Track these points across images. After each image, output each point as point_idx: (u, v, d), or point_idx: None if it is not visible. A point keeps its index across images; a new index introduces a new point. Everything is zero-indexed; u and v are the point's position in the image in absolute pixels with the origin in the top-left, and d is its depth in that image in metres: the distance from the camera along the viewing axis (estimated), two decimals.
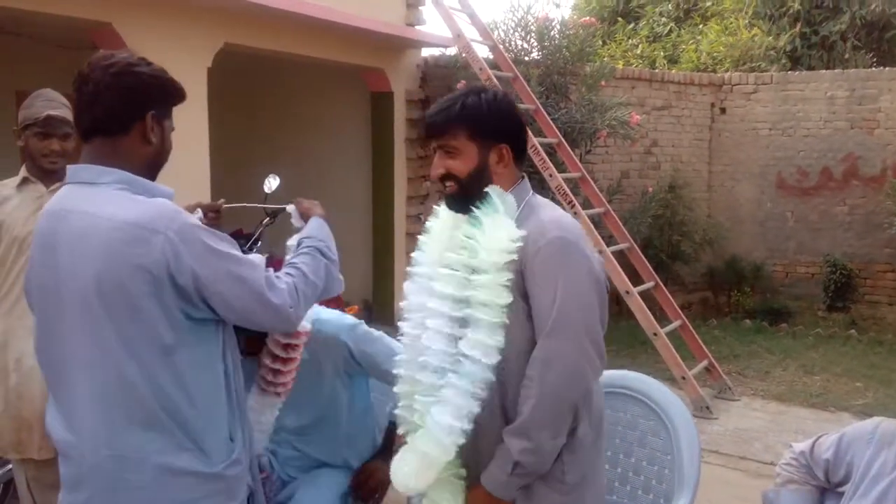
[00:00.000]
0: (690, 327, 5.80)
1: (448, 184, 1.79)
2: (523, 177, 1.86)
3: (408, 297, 1.87)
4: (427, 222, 1.93)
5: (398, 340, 1.96)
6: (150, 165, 1.70)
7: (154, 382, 1.57)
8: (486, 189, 1.77)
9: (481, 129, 1.77)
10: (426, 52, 7.34)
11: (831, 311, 7.87)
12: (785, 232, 8.38)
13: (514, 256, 1.69)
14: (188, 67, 5.04)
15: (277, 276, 1.68)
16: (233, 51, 5.40)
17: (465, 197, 1.77)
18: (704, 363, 5.58)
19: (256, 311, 1.61)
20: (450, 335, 1.73)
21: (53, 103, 2.60)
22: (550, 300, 1.67)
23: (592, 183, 6.11)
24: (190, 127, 4.99)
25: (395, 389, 1.89)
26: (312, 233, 1.88)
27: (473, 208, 1.75)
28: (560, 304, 1.66)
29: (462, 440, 1.69)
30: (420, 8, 7.11)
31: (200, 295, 1.57)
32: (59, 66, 5.59)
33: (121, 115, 1.62)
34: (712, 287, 8.54)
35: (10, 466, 2.94)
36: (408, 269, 1.93)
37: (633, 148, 7.75)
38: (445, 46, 7.01)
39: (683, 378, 5.14)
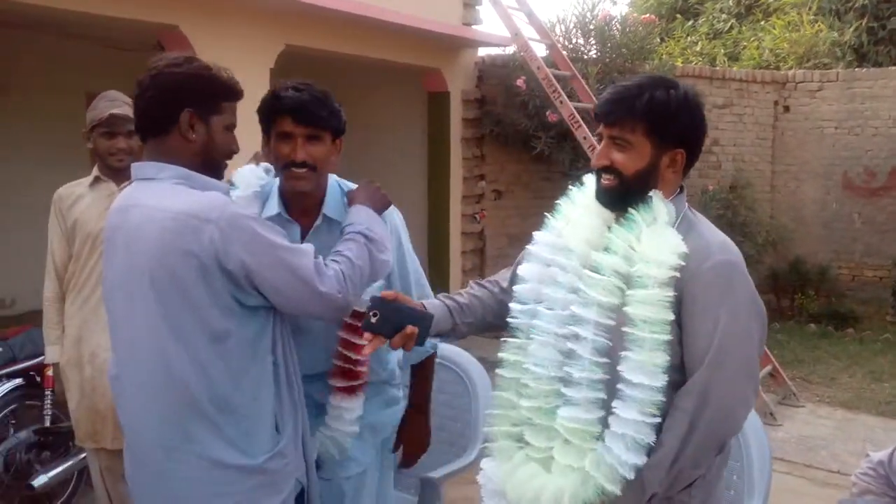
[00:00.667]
0: None
1: (607, 177, 1.63)
2: (682, 188, 1.69)
3: (528, 281, 1.74)
4: (561, 203, 1.79)
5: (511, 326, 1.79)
6: (202, 161, 1.73)
7: (202, 371, 1.62)
8: (650, 193, 1.62)
9: (663, 128, 1.61)
10: (483, 52, 7.34)
11: None
12: (851, 234, 8.11)
13: (677, 273, 1.54)
14: (252, 68, 5.13)
15: (325, 265, 1.70)
16: (294, 52, 5.49)
17: (624, 195, 1.63)
18: (768, 368, 5.44)
19: (305, 297, 1.66)
20: (602, 346, 1.59)
21: (116, 102, 2.68)
22: (710, 330, 1.54)
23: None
24: (253, 126, 5.08)
25: (505, 376, 1.75)
26: (354, 219, 1.88)
27: (630, 210, 1.61)
28: (722, 336, 1.53)
29: (633, 476, 1.54)
30: (477, 7, 7.11)
31: (250, 282, 1.62)
32: (127, 69, 5.80)
33: (156, 115, 1.70)
34: (775, 290, 8.31)
35: (84, 455, 3.05)
36: (527, 247, 1.80)
37: None
38: (502, 46, 6.99)
39: None
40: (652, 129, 1.60)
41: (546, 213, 1.83)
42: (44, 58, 5.91)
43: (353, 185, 2.10)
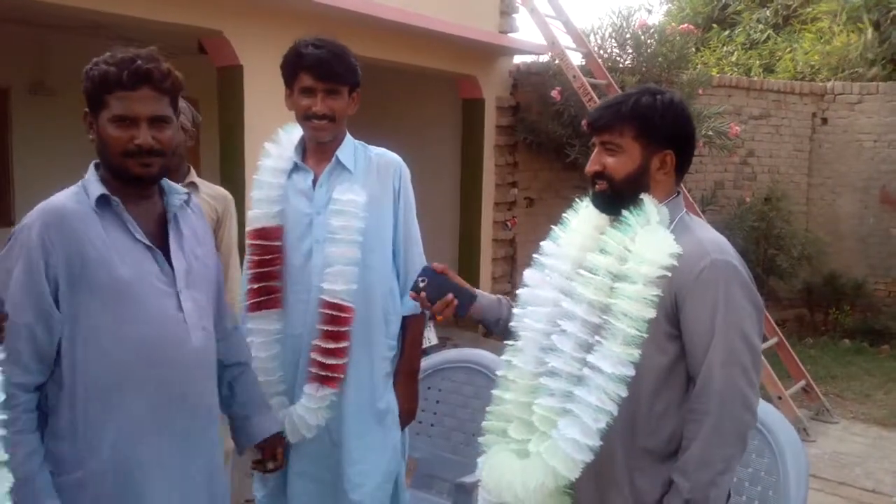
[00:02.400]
0: (787, 345, 5.60)
1: (600, 182, 1.70)
2: (679, 192, 1.74)
3: (529, 286, 1.81)
4: (566, 215, 1.85)
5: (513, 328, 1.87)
6: (104, 163, 1.70)
7: None
8: (641, 196, 1.68)
9: (650, 130, 1.67)
10: (518, 59, 7.36)
11: None
12: (888, 249, 7.98)
13: (668, 273, 1.60)
14: None
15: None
16: None
17: (615, 199, 1.69)
18: (802, 383, 5.38)
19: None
20: (583, 342, 1.66)
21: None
22: (710, 328, 1.59)
23: (687, 193, 5.99)
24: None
25: (502, 375, 1.82)
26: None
27: (624, 212, 1.68)
28: (724, 335, 1.58)
29: (590, 458, 1.62)
30: (513, 16, 7.14)
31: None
32: None
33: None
34: (809, 304, 8.22)
35: None
36: (534, 255, 1.86)
37: (730, 158, 7.55)
38: (539, 54, 7.01)
39: (780, 398, 4.98)
40: (639, 131, 1.67)
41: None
42: (83, 59, 6.01)
43: (378, 149, 2.28)
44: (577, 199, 1.85)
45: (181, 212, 1.80)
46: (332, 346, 2.09)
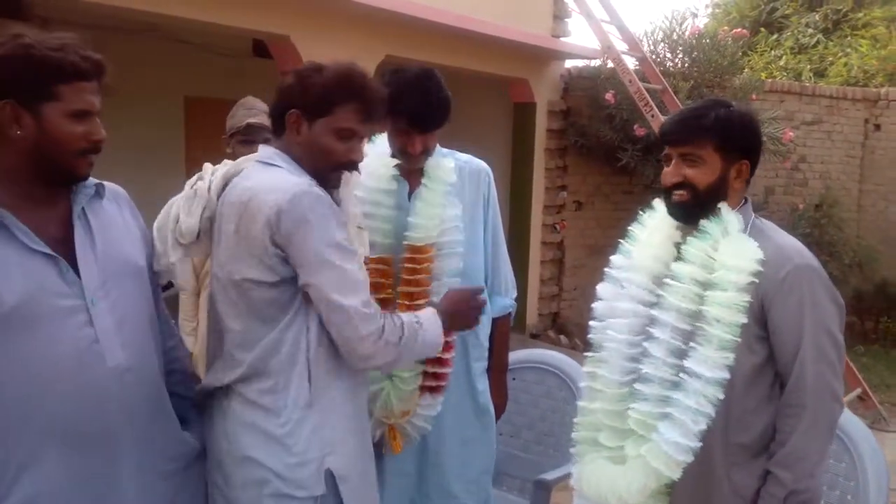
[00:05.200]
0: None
1: (679, 192, 1.78)
2: (747, 199, 1.85)
3: (604, 299, 1.91)
4: (633, 228, 1.94)
5: (590, 346, 1.97)
6: (33, 160, 1.45)
7: None
8: (719, 205, 1.76)
9: (729, 142, 1.76)
10: (569, 64, 7.41)
11: None
12: None
13: (755, 279, 1.70)
14: None
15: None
16: (393, 62, 5.68)
17: (697, 208, 1.77)
18: (857, 391, 5.35)
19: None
20: (676, 348, 1.74)
21: (253, 111, 2.82)
22: (799, 327, 1.69)
23: None
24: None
25: (586, 386, 1.92)
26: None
27: (702, 222, 1.76)
28: (813, 333, 1.68)
29: (690, 458, 1.70)
30: (566, 20, 7.18)
31: None
32: (223, 73, 6.07)
33: None
34: (859, 312, 8.11)
35: None
36: (606, 269, 1.95)
37: (781, 163, 7.51)
38: (592, 58, 7.05)
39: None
40: (720, 143, 1.76)
41: (626, 226, 1.98)
42: (143, 61, 6.12)
43: (465, 156, 2.33)
44: (640, 211, 1.95)
45: (90, 205, 1.55)
46: (442, 356, 2.13)
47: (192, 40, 5.90)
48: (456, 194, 2.22)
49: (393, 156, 2.21)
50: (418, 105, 2.07)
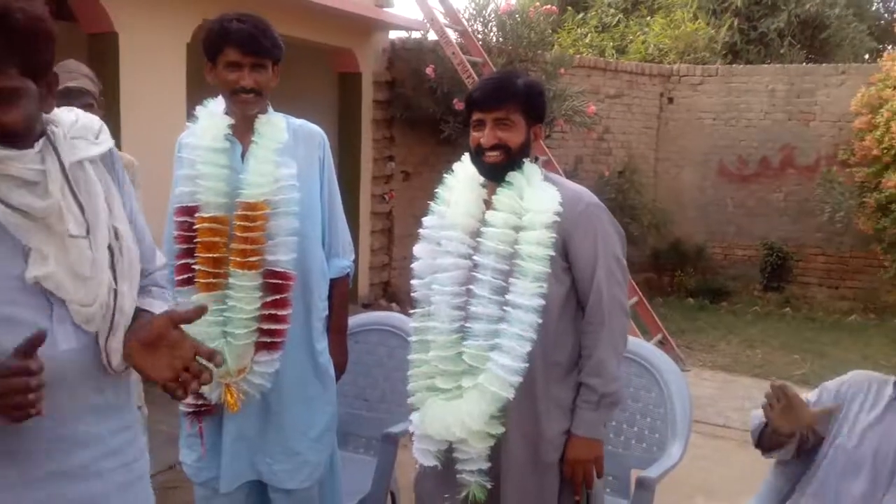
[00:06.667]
0: (647, 303, 6.19)
1: (494, 153, 1.99)
2: (537, 157, 2.14)
3: (422, 257, 2.10)
4: (440, 190, 2.12)
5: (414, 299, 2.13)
6: None
7: None
8: (524, 161, 2.02)
9: (532, 107, 2.02)
10: (393, 35, 7.48)
11: (767, 291, 8.44)
12: (725, 217, 8.89)
13: (558, 218, 1.96)
14: (169, 42, 5.08)
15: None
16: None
17: (509, 167, 2.00)
18: (659, 336, 5.98)
19: None
20: (498, 286, 1.96)
21: (72, 74, 2.68)
22: (593, 256, 1.98)
23: (557, 166, 6.40)
24: (169, 100, 5.05)
25: (417, 339, 2.10)
26: None
27: (509, 174, 2.00)
28: (604, 259, 1.99)
29: (520, 379, 1.94)
30: None
31: None
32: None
33: None
34: (657, 268, 9.01)
35: None
36: (420, 231, 2.13)
37: (589, 134, 8.10)
38: (416, 30, 7.16)
39: (661, 342, 5.56)
40: (525, 108, 2.01)
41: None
42: None
43: (299, 120, 2.35)
44: (446, 175, 2.15)
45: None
46: (277, 312, 2.17)
47: None
48: (290, 155, 2.25)
49: (226, 114, 2.23)
50: (244, 27, 2.12)
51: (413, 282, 2.13)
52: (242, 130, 2.23)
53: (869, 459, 1.90)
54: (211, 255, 2.17)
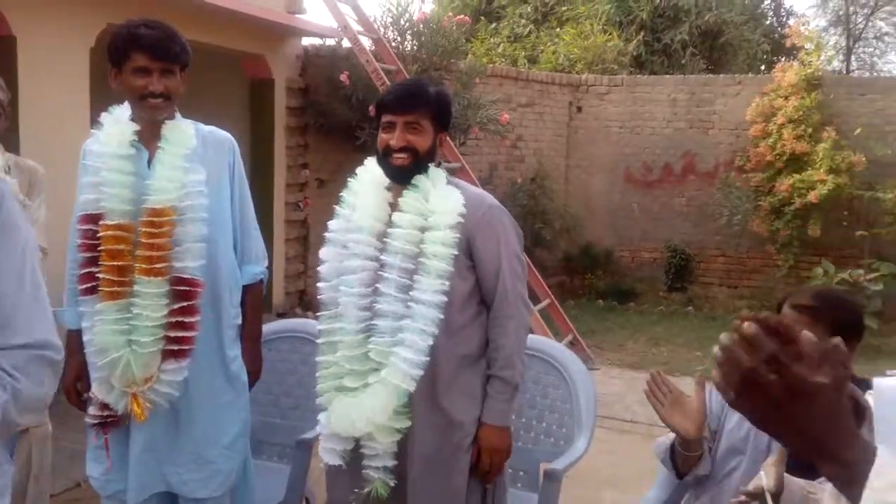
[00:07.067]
0: (558, 305, 6.38)
1: (403, 155, 2.06)
2: (440, 162, 2.25)
3: (328, 261, 2.16)
4: (345, 194, 2.20)
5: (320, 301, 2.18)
6: None
7: None
8: (429, 165, 2.13)
9: (441, 115, 2.13)
10: (306, 42, 7.46)
11: (671, 291, 8.83)
12: (631, 221, 9.24)
13: (462, 219, 2.07)
14: (71, 46, 4.93)
15: None
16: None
17: (415, 170, 2.09)
18: (570, 337, 6.18)
19: None
20: (403, 285, 2.03)
21: None
22: (497, 254, 2.10)
23: (471, 173, 6.52)
24: (72, 105, 4.89)
25: (324, 341, 2.15)
26: None
27: (416, 177, 2.09)
28: (507, 258, 2.11)
29: (421, 372, 2.02)
30: None
31: None
32: None
33: None
34: (568, 271, 9.28)
35: None
36: (326, 234, 2.20)
37: (502, 142, 8.28)
38: (329, 37, 7.16)
39: (573, 343, 5.73)
40: (434, 115, 2.10)
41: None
42: None
43: (208, 127, 2.36)
44: (348, 178, 2.23)
45: None
46: (185, 319, 2.17)
47: None
48: (198, 161, 2.25)
49: (132, 120, 2.21)
50: (152, 33, 2.13)
51: (319, 284, 2.18)
52: (149, 137, 2.22)
53: (751, 441, 2.04)
54: (115, 263, 2.15)
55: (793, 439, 0.84)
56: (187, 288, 2.18)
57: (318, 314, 2.21)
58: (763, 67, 12.87)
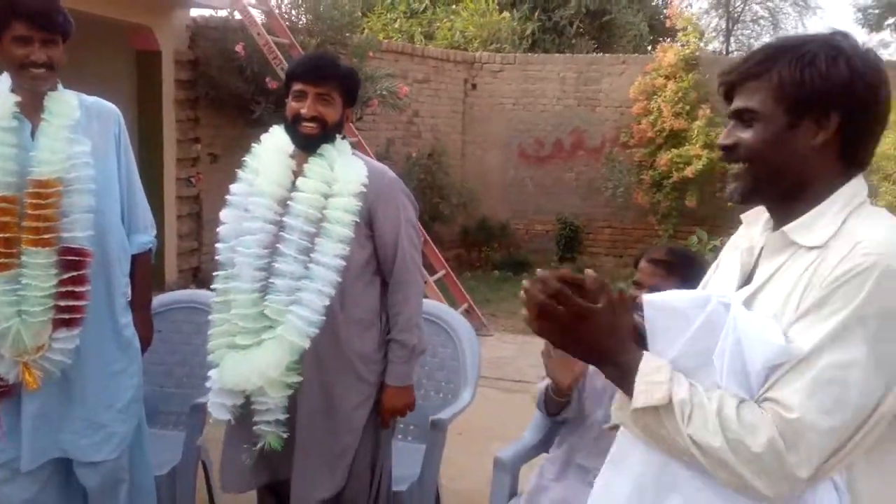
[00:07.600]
0: (453, 276, 6.59)
1: (312, 125, 2.14)
2: (345, 136, 2.34)
3: (228, 222, 2.23)
4: (248, 159, 2.26)
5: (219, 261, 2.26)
6: None
7: None
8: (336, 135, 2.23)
9: (350, 90, 2.22)
10: (195, 13, 7.27)
11: (562, 262, 9.22)
12: (525, 195, 9.57)
13: (364, 189, 2.17)
14: None
15: None
16: None
17: (323, 139, 2.17)
18: (465, 306, 6.41)
19: None
20: (304, 247, 2.12)
21: None
22: (396, 223, 2.22)
23: (368, 149, 6.59)
24: None
25: (219, 301, 2.22)
26: None
27: (323, 146, 2.17)
28: (405, 227, 2.24)
29: (317, 330, 2.12)
30: None
31: None
32: None
33: None
34: (465, 244, 9.53)
35: None
36: (227, 197, 2.26)
37: (399, 118, 8.37)
38: (218, 8, 7.00)
39: (468, 311, 5.93)
40: (344, 89, 2.20)
41: None
42: None
43: (91, 98, 2.36)
44: (253, 144, 2.30)
45: None
46: (75, 289, 2.18)
47: None
48: (83, 132, 2.26)
49: (12, 91, 2.19)
50: (36, 2, 2.10)
51: (218, 245, 2.24)
52: (31, 108, 2.20)
53: (609, 388, 2.27)
54: (1, 235, 2.14)
55: (582, 351, 1.15)
56: (76, 258, 2.19)
57: (214, 274, 2.27)
58: (650, 48, 13.46)
